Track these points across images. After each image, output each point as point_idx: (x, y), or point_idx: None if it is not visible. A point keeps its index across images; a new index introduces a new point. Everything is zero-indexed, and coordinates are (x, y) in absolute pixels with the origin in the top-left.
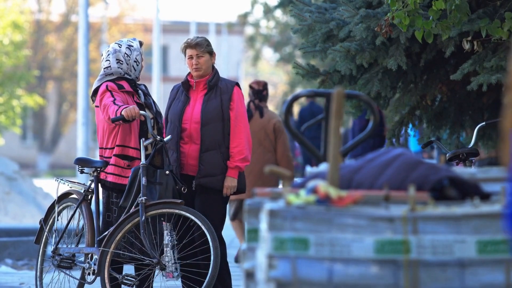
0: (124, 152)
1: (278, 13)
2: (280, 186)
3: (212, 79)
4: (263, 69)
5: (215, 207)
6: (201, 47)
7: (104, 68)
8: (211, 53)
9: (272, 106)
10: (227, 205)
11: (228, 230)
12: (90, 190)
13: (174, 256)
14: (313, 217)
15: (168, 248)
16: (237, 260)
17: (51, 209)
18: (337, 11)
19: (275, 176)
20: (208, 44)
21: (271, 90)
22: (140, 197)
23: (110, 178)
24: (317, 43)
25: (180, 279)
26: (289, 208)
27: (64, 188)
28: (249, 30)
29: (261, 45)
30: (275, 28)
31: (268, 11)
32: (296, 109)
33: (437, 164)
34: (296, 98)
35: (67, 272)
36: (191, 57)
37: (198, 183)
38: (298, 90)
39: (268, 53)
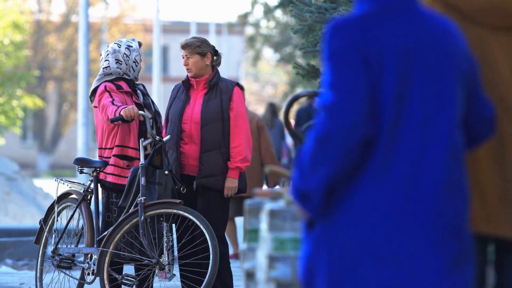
0: (124, 152)
1: (278, 13)
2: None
3: (213, 79)
4: (263, 69)
5: (217, 207)
6: (190, 48)
7: (103, 68)
8: (203, 54)
9: None
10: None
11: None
12: (89, 190)
13: (168, 258)
14: None
15: (165, 249)
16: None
17: (50, 209)
18: (337, 11)
19: (261, 173)
20: (199, 45)
21: (271, 90)
22: (139, 197)
23: (109, 179)
24: (318, 43)
25: (178, 279)
26: (289, 208)
27: (63, 188)
28: (249, 30)
29: (261, 45)
30: (275, 28)
31: (268, 11)
32: (294, 107)
33: None
34: (296, 98)
35: (67, 272)
36: (183, 57)
37: (198, 183)
38: (299, 90)
39: (268, 53)
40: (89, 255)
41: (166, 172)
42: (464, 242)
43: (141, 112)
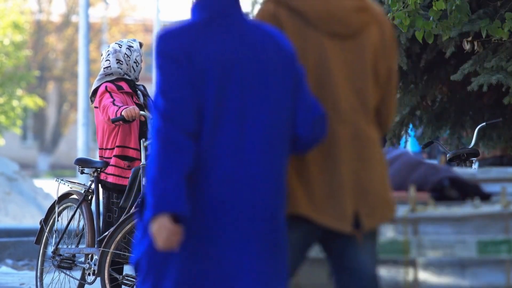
0: (124, 152)
1: None
2: None
3: None
4: None
5: None
6: None
7: (104, 68)
8: None
9: None
10: None
11: None
12: (90, 190)
13: None
14: None
15: None
16: None
17: (51, 209)
18: None
19: None
20: None
21: None
22: (140, 198)
23: (110, 179)
24: None
25: None
26: None
27: (64, 188)
28: None
29: None
30: None
31: None
32: None
33: (437, 164)
34: None
35: (68, 272)
36: None
37: None
38: None
39: None
40: (89, 256)
41: None
42: (278, 232)
43: (142, 112)
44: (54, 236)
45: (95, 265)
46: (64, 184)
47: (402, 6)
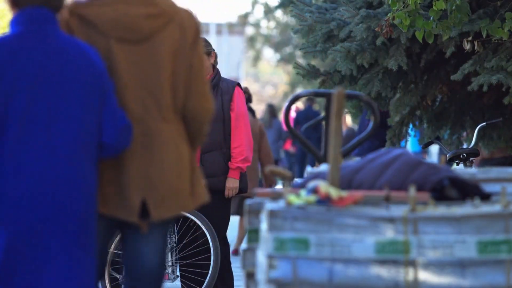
0: None
1: (279, 13)
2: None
3: (213, 79)
4: (264, 70)
5: (218, 208)
6: None
7: None
8: (208, 54)
9: None
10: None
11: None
12: None
13: (172, 258)
14: (314, 218)
15: (167, 250)
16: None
17: None
18: (338, 11)
19: (256, 173)
20: (204, 45)
21: (271, 90)
22: None
23: None
24: (318, 43)
25: (178, 280)
26: (289, 209)
27: None
28: (250, 31)
29: (262, 46)
30: (275, 28)
31: (268, 11)
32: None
33: (437, 164)
34: (296, 98)
35: None
36: None
37: None
38: (299, 90)
39: (269, 54)
40: None
41: None
42: (86, 228)
43: None
44: None
45: None
46: None
47: (402, 6)
